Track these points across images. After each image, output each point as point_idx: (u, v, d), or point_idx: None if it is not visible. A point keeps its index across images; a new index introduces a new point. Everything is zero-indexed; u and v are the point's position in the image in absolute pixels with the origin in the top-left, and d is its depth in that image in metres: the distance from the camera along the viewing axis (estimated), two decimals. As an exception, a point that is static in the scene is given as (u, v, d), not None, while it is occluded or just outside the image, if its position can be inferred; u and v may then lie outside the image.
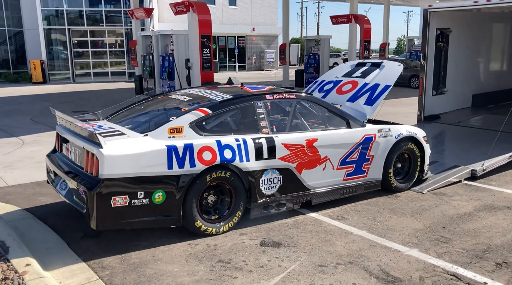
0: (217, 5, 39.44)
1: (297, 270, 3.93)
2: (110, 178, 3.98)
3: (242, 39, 41.62)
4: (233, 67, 40.82)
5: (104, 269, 3.89)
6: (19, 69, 29.57)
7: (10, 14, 29.88)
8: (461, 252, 4.35)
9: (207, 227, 4.57)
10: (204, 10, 14.96)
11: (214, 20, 39.55)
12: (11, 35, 30.20)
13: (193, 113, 4.66)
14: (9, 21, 29.84)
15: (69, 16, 27.20)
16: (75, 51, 27.71)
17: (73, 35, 27.48)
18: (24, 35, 29.87)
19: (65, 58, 27.74)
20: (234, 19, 40.40)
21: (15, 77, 28.53)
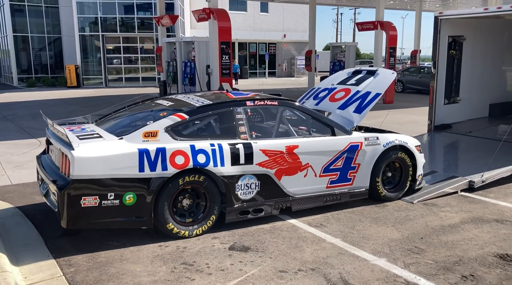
0: (249, 12, 39.87)
1: (256, 275, 3.98)
2: (80, 179, 4.16)
3: (273, 46, 41.82)
4: (263, 73, 41.04)
5: (71, 266, 4.06)
6: (56, 74, 30.86)
7: (50, 21, 31.29)
8: (430, 264, 4.28)
9: (180, 229, 4.68)
10: (224, 17, 15.19)
11: (246, 27, 40.07)
12: (51, 41, 31.60)
13: (169, 118, 4.80)
14: (49, 27, 31.23)
15: (103, 23, 28.19)
16: (108, 56, 28.64)
17: (106, 41, 28.44)
18: (62, 41, 31.19)
19: (98, 63, 28.71)
20: (265, 26, 40.66)
21: (52, 81, 29.78)
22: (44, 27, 31.01)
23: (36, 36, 30.93)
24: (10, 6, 29.83)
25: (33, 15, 30.63)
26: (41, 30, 30.94)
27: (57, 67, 31.41)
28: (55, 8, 30.97)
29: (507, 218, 5.53)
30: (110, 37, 28.42)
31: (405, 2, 29.72)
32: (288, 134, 5.45)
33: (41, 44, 31.35)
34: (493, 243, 4.79)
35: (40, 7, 30.72)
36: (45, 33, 31.11)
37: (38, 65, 31.30)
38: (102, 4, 28.05)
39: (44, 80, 30.02)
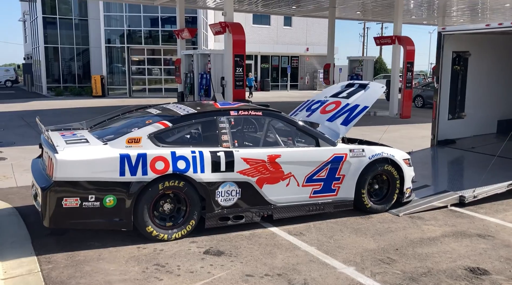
0: (272, 26, 40.30)
1: (223, 278, 4.14)
2: (62, 181, 4.43)
3: (296, 59, 42.05)
4: (285, 86, 41.26)
5: (50, 263, 4.31)
6: (83, 84, 31.90)
7: (80, 33, 32.48)
8: (397, 274, 4.34)
9: (159, 232, 4.89)
10: (238, 31, 15.51)
11: (269, 40, 40.43)
12: (79, 52, 32.74)
13: (154, 125, 5.05)
14: (78, 39, 32.40)
15: (129, 35, 29.06)
16: (133, 67, 29.45)
17: (131, 52, 29.28)
18: (90, 52, 32.27)
19: (123, 74, 29.56)
20: (288, 39, 40.98)
21: (79, 91, 30.77)
22: (73, 39, 32.20)
23: (66, 47, 32.10)
24: (42, 19, 31.13)
25: (64, 27, 31.85)
26: (71, 41, 32.12)
27: (84, 77, 32.46)
28: (85, 20, 32.14)
29: (490, 233, 5.51)
30: (135, 49, 29.25)
31: (429, 17, 29.53)
32: (271, 143, 5.61)
33: (70, 55, 32.51)
34: (468, 256, 4.80)
35: (70, 19, 31.95)
36: (74, 44, 32.27)
37: (66, 75, 32.44)
38: (128, 17, 28.96)
39: (71, 89, 31.06)
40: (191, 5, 25.00)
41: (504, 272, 4.44)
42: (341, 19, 32.59)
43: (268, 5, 25.44)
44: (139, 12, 28.70)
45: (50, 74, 31.96)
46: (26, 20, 40.29)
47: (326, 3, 23.73)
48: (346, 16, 29.81)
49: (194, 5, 25.12)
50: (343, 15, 28.81)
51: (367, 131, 14.59)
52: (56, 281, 3.95)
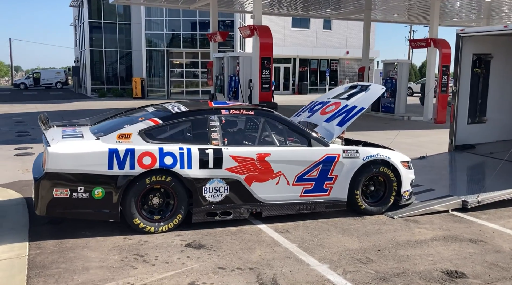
0: (311, 29, 40.21)
1: (195, 269, 4.29)
2: (53, 172, 4.74)
3: (335, 62, 41.73)
4: (323, 89, 40.98)
5: (38, 249, 4.63)
6: (125, 86, 33.11)
7: (124, 37, 33.75)
8: (370, 273, 4.34)
9: (146, 225, 5.11)
10: (266, 34, 15.69)
11: (308, 43, 40.35)
12: (122, 56, 34.03)
13: (145, 122, 5.29)
14: (122, 43, 33.69)
15: (168, 39, 29.91)
16: (171, 70, 30.27)
17: (170, 56, 30.11)
18: (132, 55, 33.46)
19: (162, 77, 30.43)
20: (328, 43, 40.73)
21: (120, 92, 31.98)
22: (117, 43, 33.52)
23: (110, 51, 33.46)
24: (88, 23, 32.63)
25: (108, 31, 33.23)
26: (114, 45, 33.45)
27: (127, 79, 33.69)
28: (128, 25, 33.39)
29: (484, 239, 5.37)
30: (174, 52, 30.06)
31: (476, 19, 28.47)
32: (262, 142, 5.72)
33: (113, 58, 33.85)
34: (450, 260, 4.72)
35: (114, 24, 33.28)
36: (117, 47, 33.58)
37: (109, 77, 33.80)
38: (168, 22, 29.82)
39: (113, 91, 32.32)
40: (226, 9, 25.43)
41: (483, 276, 4.34)
42: (378, 21, 32.14)
43: (305, 8, 25.47)
44: (178, 16, 29.49)
45: (94, 76, 33.40)
46: (76, 25, 42.28)
47: (362, 6, 23.48)
48: (383, 19, 29.34)
49: (230, 9, 25.52)
50: (380, 17, 28.36)
51: (394, 135, 14.35)
52: (38, 265, 4.25)
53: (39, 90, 43.21)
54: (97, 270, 4.18)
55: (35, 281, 3.94)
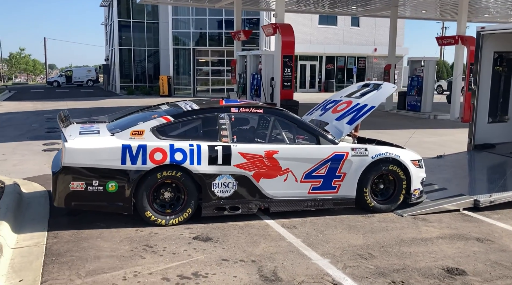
0: (338, 26, 39.93)
1: (200, 260, 4.49)
2: (69, 166, 5.03)
3: (363, 60, 41.32)
4: (350, 87, 40.63)
5: (55, 238, 4.92)
6: (153, 83, 33.77)
7: (152, 36, 34.40)
8: (369, 268, 4.43)
9: (157, 218, 5.35)
10: (288, 32, 15.78)
11: (335, 41, 40.06)
12: (150, 54, 34.72)
13: (157, 119, 5.52)
14: (150, 41, 34.37)
15: (194, 37, 30.33)
16: (197, 68, 30.68)
17: (196, 54, 30.51)
18: (160, 54, 34.07)
19: (188, 75, 30.90)
20: (355, 40, 40.37)
21: (148, 90, 32.64)
22: (145, 41, 34.21)
23: (138, 49, 34.17)
24: (118, 22, 33.41)
25: (137, 30, 33.95)
26: (143, 43, 34.15)
27: (154, 77, 34.35)
28: (156, 23, 34.02)
29: (491, 238, 5.37)
30: (200, 51, 30.46)
31: (506, 15, 27.70)
32: (270, 140, 5.87)
33: (141, 56, 34.56)
34: (453, 258, 4.76)
35: (143, 23, 33.96)
36: (145, 46, 34.28)
37: (137, 75, 34.53)
38: (194, 20, 30.23)
39: (141, 89, 33.01)
40: (252, 7, 25.60)
41: (483, 274, 4.37)
42: (406, 18, 31.68)
43: (331, 6, 25.37)
44: (204, 15, 29.84)
45: (123, 74, 34.20)
46: (106, 24, 43.34)
47: (389, 3, 23.21)
48: (412, 16, 28.89)
49: (255, 7, 25.67)
50: (409, 14, 27.96)
51: (419, 134, 14.24)
52: (54, 253, 4.53)
53: (71, 87, 44.53)
54: (108, 259, 4.43)
55: (50, 267, 4.22)
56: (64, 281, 3.96)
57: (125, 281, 3.99)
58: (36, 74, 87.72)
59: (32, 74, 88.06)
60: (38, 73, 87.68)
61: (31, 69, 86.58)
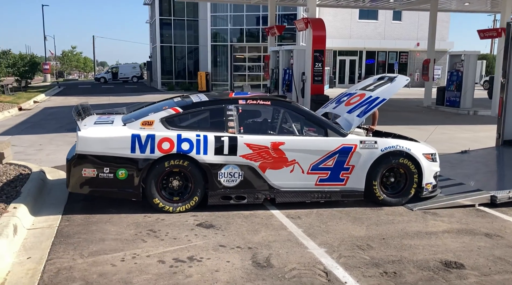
0: (379, 20, 39.16)
1: (198, 245, 4.65)
2: (82, 154, 5.32)
3: (405, 54, 40.34)
4: (391, 83, 39.74)
5: (68, 221, 5.22)
6: (192, 79, 34.42)
7: (192, 33, 35.04)
8: (364, 259, 4.44)
9: (165, 205, 5.56)
10: (319, 27, 15.71)
11: (375, 35, 39.34)
12: (191, 51, 35.38)
13: (167, 110, 5.72)
14: (190, 38, 35.02)
15: (232, 34, 30.65)
16: (235, 64, 31.00)
17: (234, 50, 30.83)
18: (199, 50, 34.66)
19: (226, 71, 31.28)
20: (397, 34, 39.46)
21: (187, 86, 33.33)
22: (185, 38, 34.89)
23: (178, 46, 34.89)
24: (159, 20, 34.25)
25: (178, 27, 34.68)
26: (183, 40, 34.85)
27: (194, 74, 34.98)
28: (195, 21, 34.60)
29: (501, 234, 5.23)
30: (237, 47, 30.74)
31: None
32: (277, 131, 5.94)
33: (182, 53, 35.28)
34: (454, 252, 4.68)
35: (183, 20, 34.64)
36: (185, 43, 34.95)
37: (178, 71, 35.29)
38: (232, 17, 30.53)
39: (181, 84, 33.75)
40: (288, 3, 25.56)
41: (482, 269, 4.29)
42: (451, 11, 30.63)
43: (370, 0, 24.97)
44: (242, 12, 30.08)
45: (164, 70, 35.04)
46: (150, 22, 44.48)
47: (428, -5, 22.58)
48: (454, 8, 27.91)
49: (291, 2, 25.62)
50: (450, 7, 27.03)
51: (453, 130, 13.88)
52: (64, 235, 4.82)
53: (116, 84, 46.05)
54: (111, 242, 4.67)
55: (57, 247, 4.50)
56: (67, 260, 4.23)
57: (123, 262, 4.20)
58: (87, 71, 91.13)
59: (84, 71, 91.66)
60: (89, 70, 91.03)
61: (82, 66, 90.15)
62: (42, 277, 3.89)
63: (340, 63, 39.27)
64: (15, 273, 3.95)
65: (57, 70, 69.27)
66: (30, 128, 13.66)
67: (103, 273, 3.98)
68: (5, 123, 14.95)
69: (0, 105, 19.69)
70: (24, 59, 33.33)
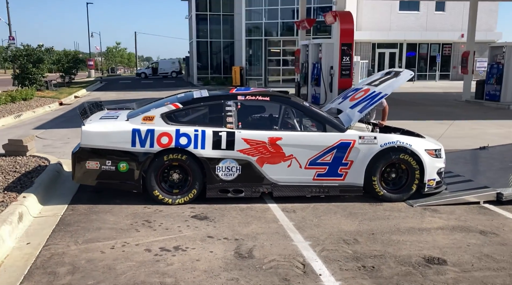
0: (421, 12, 38.03)
1: (187, 236, 4.84)
2: (85, 147, 5.63)
3: (448, 46, 38.99)
4: (433, 76, 38.65)
5: (72, 210, 5.55)
6: (227, 74, 34.77)
7: (228, 27, 35.35)
8: (346, 253, 4.49)
9: (164, 197, 5.79)
10: (347, 20, 15.55)
11: (417, 27, 38.32)
12: (226, 46, 35.70)
13: (167, 106, 5.95)
14: (225, 33, 35.35)
15: (266, 28, 30.71)
16: (269, 59, 31.07)
17: (268, 44, 30.89)
18: (234, 45, 34.95)
19: (260, 65, 31.41)
20: (439, 25, 38.16)
21: (222, 81, 33.72)
22: (221, 33, 35.25)
23: (214, 41, 35.31)
24: (196, 15, 34.77)
25: (213, 22, 35.07)
26: (219, 35, 35.23)
27: (230, 68, 35.31)
28: (231, 15, 34.87)
29: (497, 232, 5.12)
30: (271, 41, 30.78)
31: None
32: (275, 126, 6.03)
33: (217, 48, 35.68)
34: (441, 248, 4.64)
35: (219, 15, 34.99)
36: (221, 38, 35.32)
37: (213, 66, 35.74)
38: (267, 11, 30.58)
39: (216, 79, 34.18)
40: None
41: (464, 265, 4.24)
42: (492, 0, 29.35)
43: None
44: (276, 5, 30.07)
45: (200, 65, 35.57)
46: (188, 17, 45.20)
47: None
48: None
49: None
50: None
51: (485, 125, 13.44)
52: (65, 223, 5.14)
53: (156, 79, 47.24)
54: (107, 231, 4.94)
55: (56, 234, 4.82)
56: (62, 246, 4.53)
57: (112, 250, 4.46)
58: (131, 67, 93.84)
59: (128, 67, 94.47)
60: (133, 65, 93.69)
61: (126, 62, 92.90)
62: (35, 261, 4.20)
63: (380, 56, 38.47)
64: (12, 256, 4.28)
65: (110, 66, 71.84)
66: (65, 122, 14.35)
67: (91, 259, 4.25)
68: (44, 117, 15.77)
69: (43, 100, 20.73)
70: (68, 56, 34.82)
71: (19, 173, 6.74)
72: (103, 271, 4.02)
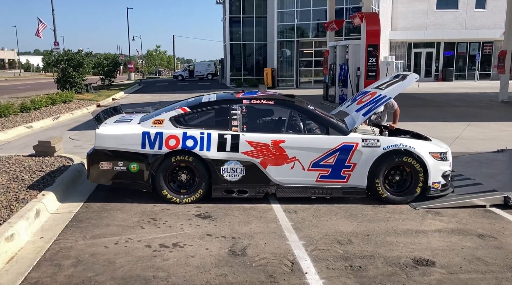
0: (460, 10, 37.05)
1: (187, 234, 5.11)
2: (99, 149, 6.01)
3: (489, 45, 37.76)
4: (472, 76, 37.53)
5: (86, 208, 5.93)
6: (259, 76, 35.09)
7: (261, 29, 35.67)
8: (336, 253, 4.62)
9: (172, 196, 6.09)
10: (373, 21, 15.52)
11: (455, 25, 37.37)
12: (259, 47, 36.05)
13: (176, 110, 6.25)
14: (258, 35, 35.70)
15: (298, 29, 30.78)
16: (301, 60, 31.12)
17: (300, 46, 30.95)
18: (267, 47, 35.21)
19: (292, 67, 31.50)
20: (480, 23, 37.05)
21: (255, 82, 34.05)
22: (253, 35, 35.63)
23: (247, 43, 35.71)
24: (229, 18, 35.29)
25: (247, 25, 35.50)
26: (251, 37, 35.62)
27: (262, 70, 35.62)
28: (264, 18, 35.17)
29: (496, 236, 5.10)
30: (303, 42, 30.83)
31: None
32: (279, 129, 6.22)
33: (250, 50, 36.08)
34: (433, 250, 4.69)
35: (252, 17, 35.37)
36: (254, 40, 35.69)
37: (246, 68, 36.14)
38: (299, 12, 30.66)
39: (249, 81, 34.56)
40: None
41: (452, 268, 4.29)
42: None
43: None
44: (308, 7, 30.10)
45: (233, 67, 36.06)
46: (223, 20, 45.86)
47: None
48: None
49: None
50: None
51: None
52: (77, 220, 5.52)
53: (192, 81, 48.22)
54: (114, 227, 5.28)
55: (67, 230, 5.21)
56: (71, 241, 4.90)
57: (115, 245, 4.78)
58: (171, 69, 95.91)
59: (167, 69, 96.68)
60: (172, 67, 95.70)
61: (166, 65, 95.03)
62: (45, 254, 4.57)
63: (416, 56, 37.75)
64: (25, 249, 4.68)
65: (156, 69, 73.82)
66: (97, 124, 14.99)
67: (95, 253, 4.58)
68: (80, 119, 16.54)
69: (82, 102, 21.68)
70: (108, 59, 36.11)
71: (44, 172, 7.22)
72: (103, 264, 4.34)
